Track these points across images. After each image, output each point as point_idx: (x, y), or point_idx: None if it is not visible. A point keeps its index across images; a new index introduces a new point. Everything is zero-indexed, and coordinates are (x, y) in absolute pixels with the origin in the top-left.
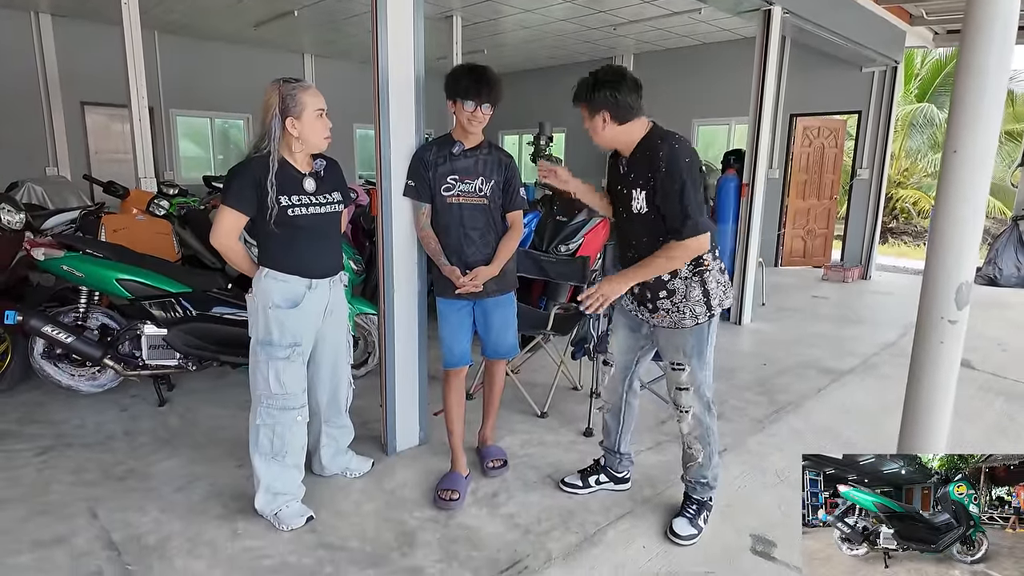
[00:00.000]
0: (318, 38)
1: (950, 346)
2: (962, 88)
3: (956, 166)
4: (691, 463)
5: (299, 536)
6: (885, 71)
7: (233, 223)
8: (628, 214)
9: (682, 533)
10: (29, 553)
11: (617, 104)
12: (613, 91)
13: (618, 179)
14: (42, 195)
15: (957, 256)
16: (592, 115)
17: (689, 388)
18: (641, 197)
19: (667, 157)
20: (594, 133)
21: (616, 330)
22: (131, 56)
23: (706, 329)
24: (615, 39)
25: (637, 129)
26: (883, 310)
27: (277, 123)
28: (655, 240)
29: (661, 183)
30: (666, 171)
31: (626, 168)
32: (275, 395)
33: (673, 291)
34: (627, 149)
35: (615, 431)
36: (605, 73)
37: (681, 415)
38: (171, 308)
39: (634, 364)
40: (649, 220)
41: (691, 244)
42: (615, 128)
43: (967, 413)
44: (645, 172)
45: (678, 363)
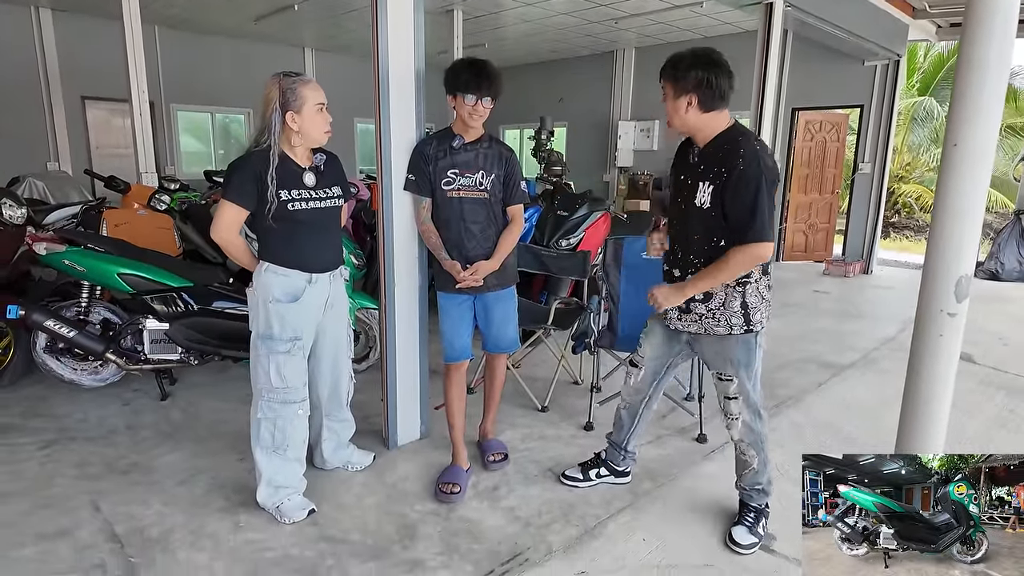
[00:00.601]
0: (319, 32)
1: (949, 339)
2: (963, 82)
3: (956, 160)
4: (746, 470)
5: (301, 529)
6: (888, 65)
7: (233, 217)
8: (687, 206)
9: (743, 542)
10: (33, 546)
11: (710, 89)
12: (708, 74)
13: (686, 168)
14: (43, 190)
15: (957, 249)
16: (677, 95)
17: (738, 397)
18: (708, 191)
19: (747, 156)
20: (674, 114)
21: (650, 335)
22: (131, 51)
23: (753, 341)
24: (616, 33)
25: (719, 121)
26: (884, 305)
27: (277, 117)
28: (708, 240)
29: (736, 181)
30: (743, 170)
31: (697, 159)
32: (276, 389)
33: (711, 295)
34: (703, 140)
35: (627, 429)
36: (703, 53)
37: (731, 422)
38: (173, 303)
39: (664, 370)
40: (709, 217)
41: (754, 250)
42: (698, 115)
43: (968, 407)
44: (719, 167)
45: (726, 375)
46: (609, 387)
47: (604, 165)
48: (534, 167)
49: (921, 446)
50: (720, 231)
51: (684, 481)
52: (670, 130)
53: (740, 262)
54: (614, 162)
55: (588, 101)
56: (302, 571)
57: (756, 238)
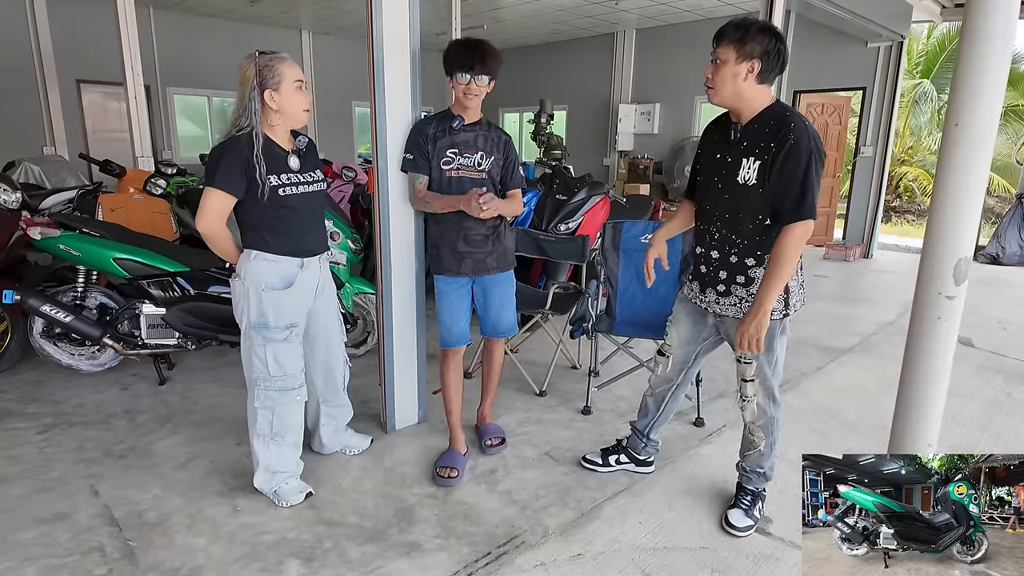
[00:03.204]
0: (315, 14)
1: (947, 322)
2: (965, 60)
3: (957, 139)
4: (751, 451)
5: (298, 512)
6: (891, 46)
7: (221, 205)
8: (725, 184)
9: (739, 525)
10: (31, 530)
11: (775, 58)
12: (777, 43)
13: (724, 145)
14: (39, 175)
15: (956, 231)
16: (739, 60)
17: (755, 379)
18: (754, 167)
19: (798, 130)
20: (729, 81)
21: (677, 321)
22: (125, 33)
23: (778, 326)
24: (617, 14)
25: (766, 96)
26: (884, 289)
27: (256, 96)
28: (754, 218)
29: (785, 156)
30: (793, 144)
31: (740, 135)
32: (274, 377)
33: (752, 280)
34: (747, 115)
35: (652, 416)
36: (766, 23)
37: (744, 404)
38: (169, 287)
39: (693, 358)
40: (755, 194)
41: (803, 229)
42: (753, 85)
43: (966, 391)
44: (766, 142)
45: (747, 358)
46: (607, 371)
47: (604, 149)
48: (533, 151)
49: (918, 429)
50: (767, 209)
51: (681, 464)
52: (712, 99)
53: (796, 244)
54: (614, 146)
55: (588, 84)
56: (299, 554)
57: (807, 215)
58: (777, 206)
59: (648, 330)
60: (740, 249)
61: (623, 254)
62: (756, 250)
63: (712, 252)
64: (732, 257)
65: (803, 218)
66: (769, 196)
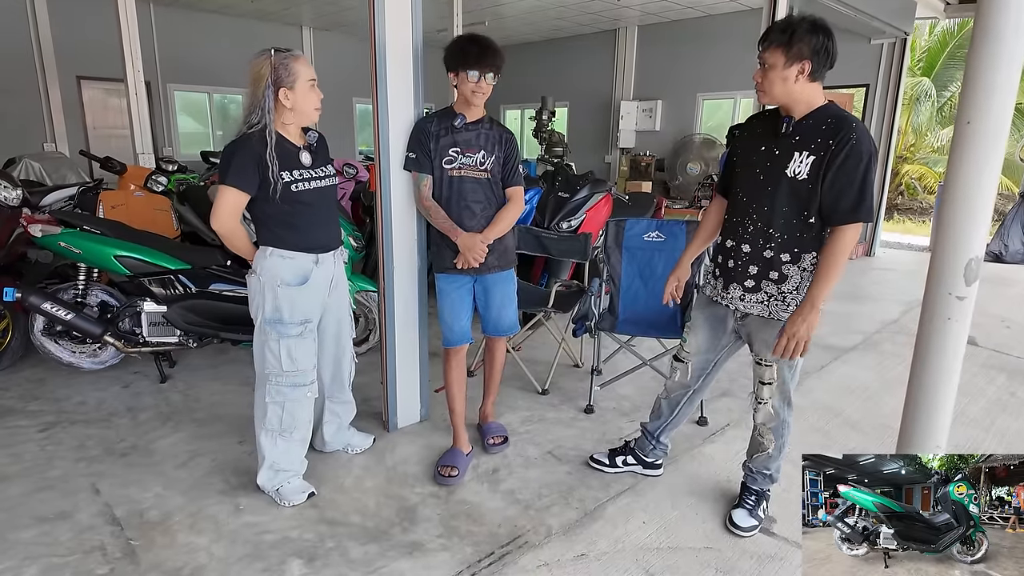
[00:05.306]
0: (316, 10)
1: (957, 323)
2: (977, 57)
3: (969, 137)
4: (759, 453)
5: (301, 512)
6: (895, 43)
7: (236, 202)
8: (768, 176)
9: (743, 525)
10: (32, 529)
11: (826, 56)
12: (827, 40)
13: (771, 138)
14: (40, 171)
15: (967, 231)
16: (789, 62)
17: (772, 383)
18: (807, 162)
19: (859, 132)
20: (780, 83)
21: (695, 328)
22: (126, 29)
23: None
24: (619, 10)
25: (819, 93)
26: (887, 287)
27: (270, 94)
28: (799, 213)
29: (847, 156)
30: (855, 145)
31: (792, 129)
32: (286, 372)
33: (786, 277)
34: (801, 111)
35: (665, 419)
36: (815, 19)
37: (758, 405)
38: (170, 285)
39: (712, 365)
40: (804, 188)
41: (857, 231)
42: (806, 84)
43: (970, 390)
44: (823, 138)
45: (766, 360)
46: (609, 370)
47: (606, 146)
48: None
49: (927, 430)
50: (814, 205)
51: (684, 464)
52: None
53: (850, 245)
54: (616, 143)
55: (590, 80)
56: (302, 554)
57: (863, 217)
58: (832, 206)
59: (651, 328)
60: (776, 244)
61: (626, 252)
62: (794, 246)
63: (743, 246)
64: (767, 252)
65: (860, 220)
66: (819, 194)
